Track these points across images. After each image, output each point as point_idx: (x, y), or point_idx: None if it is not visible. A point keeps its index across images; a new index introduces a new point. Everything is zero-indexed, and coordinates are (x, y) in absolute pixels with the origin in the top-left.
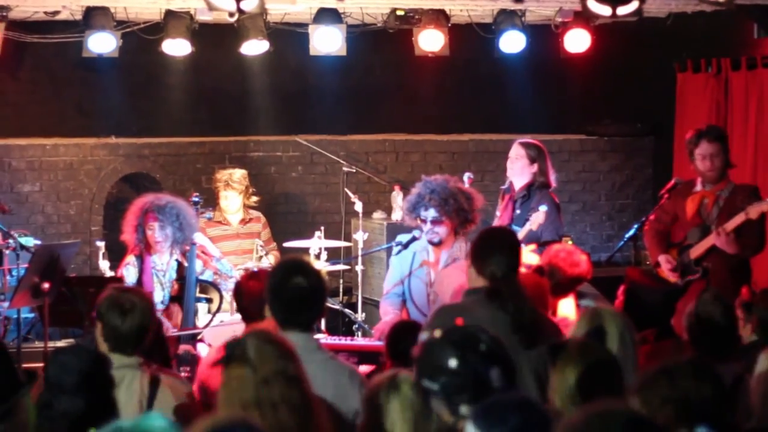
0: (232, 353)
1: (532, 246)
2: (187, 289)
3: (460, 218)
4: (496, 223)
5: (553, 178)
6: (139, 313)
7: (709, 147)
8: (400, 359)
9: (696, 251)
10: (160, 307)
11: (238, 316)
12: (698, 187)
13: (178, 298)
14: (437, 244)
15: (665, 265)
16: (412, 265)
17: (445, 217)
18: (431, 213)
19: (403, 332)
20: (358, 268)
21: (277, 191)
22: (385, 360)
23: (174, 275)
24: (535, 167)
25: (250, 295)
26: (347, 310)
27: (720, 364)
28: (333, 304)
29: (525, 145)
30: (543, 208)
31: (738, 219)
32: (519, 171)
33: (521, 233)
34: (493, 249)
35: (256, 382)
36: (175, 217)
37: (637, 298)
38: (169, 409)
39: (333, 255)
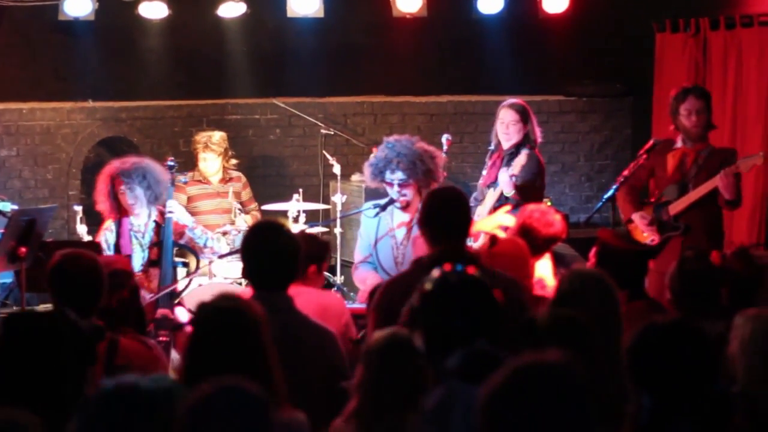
0: (200, 317)
1: (507, 207)
2: (164, 252)
3: (426, 179)
4: (481, 181)
5: (538, 132)
6: (87, 276)
7: (697, 102)
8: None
9: (676, 207)
10: (139, 269)
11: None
12: (678, 144)
13: (155, 261)
14: (405, 207)
15: (641, 221)
16: (378, 231)
17: (412, 179)
18: (399, 175)
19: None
20: (337, 230)
21: (255, 154)
22: (368, 321)
23: (152, 236)
24: (527, 127)
25: None
26: (325, 273)
27: (703, 321)
28: None
29: (515, 107)
30: (524, 151)
31: (731, 170)
32: (516, 134)
33: (501, 186)
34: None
35: (218, 347)
36: (142, 177)
37: (609, 260)
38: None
39: (311, 218)
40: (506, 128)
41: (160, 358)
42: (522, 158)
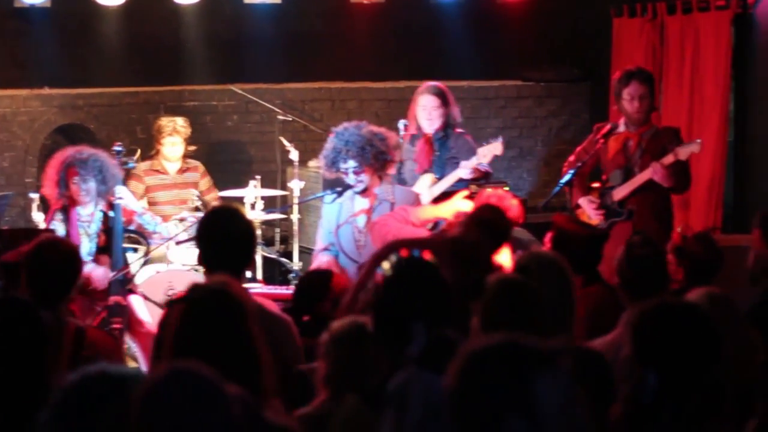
0: (192, 297)
1: (465, 192)
2: (114, 239)
3: (379, 162)
4: (416, 167)
5: (457, 112)
6: (65, 263)
7: (640, 88)
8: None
9: (620, 193)
10: (87, 258)
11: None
12: (621, 128)
13: (105, 248)
14: (363, 191)
15: (589, 206)
16: (339, 216)
17: (365, 165)
18: (351, 164)
19: (315, 281)
20: (294, 216)
21: (213, 141)
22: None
23: (99, 225)
24: (448, 110)
25: None
26: (283, 259)
27: None
28: (269, 253)
29: (435, 92)
30: (499, 140)
31: (669, 159)
32: (438, 119)
33: (449, 178)
34: None
35: (210, 329)
36: (97, 170)
37: (564, 245)
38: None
39: (269, 204)
40: (428, 114)
41: (123, 349)
42: (498, 148)
